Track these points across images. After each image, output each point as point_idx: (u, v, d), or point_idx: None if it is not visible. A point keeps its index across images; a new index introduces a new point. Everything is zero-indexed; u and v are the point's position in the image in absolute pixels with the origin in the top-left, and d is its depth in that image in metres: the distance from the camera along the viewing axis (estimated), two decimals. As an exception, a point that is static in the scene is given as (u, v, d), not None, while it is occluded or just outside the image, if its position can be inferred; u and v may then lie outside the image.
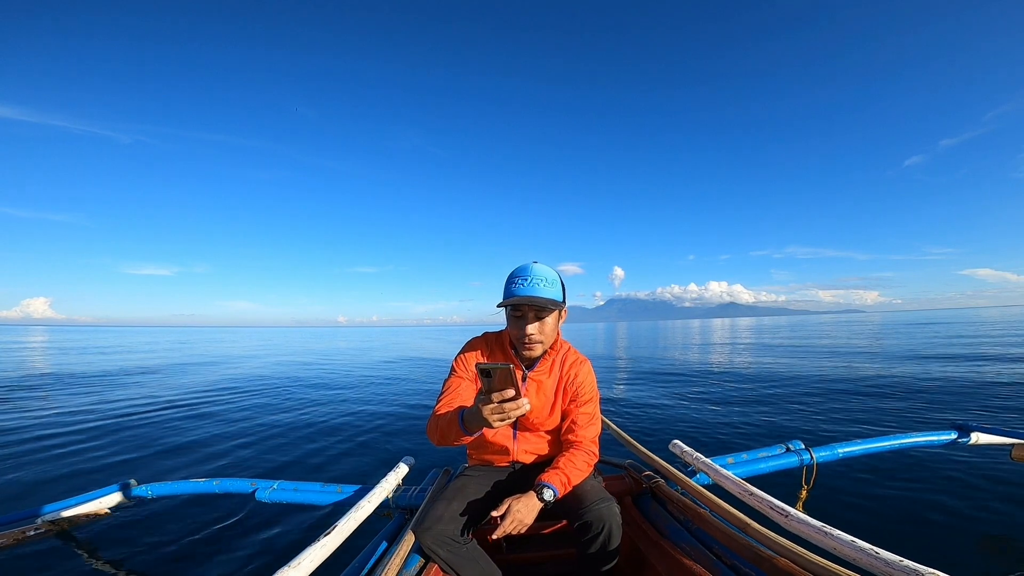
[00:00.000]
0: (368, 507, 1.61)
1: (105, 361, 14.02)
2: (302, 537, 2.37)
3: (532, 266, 1.39)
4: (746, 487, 1.48)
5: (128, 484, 2.25)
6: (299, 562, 1.16)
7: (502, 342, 1.54)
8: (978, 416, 4.11)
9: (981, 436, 2.24)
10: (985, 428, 2.26)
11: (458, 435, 1.21)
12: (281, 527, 2.48)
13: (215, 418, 5.98)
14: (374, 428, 5.03)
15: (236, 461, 3.97)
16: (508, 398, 1.03)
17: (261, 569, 2.11)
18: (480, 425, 1.11)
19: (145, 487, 2.21)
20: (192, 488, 2.17)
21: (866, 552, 0.97)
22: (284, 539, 2.37)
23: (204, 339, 34.76)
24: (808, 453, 2.01)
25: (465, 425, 1.18)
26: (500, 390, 1.04)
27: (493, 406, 1.04)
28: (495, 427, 1.06)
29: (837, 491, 2.54)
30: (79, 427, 5.25)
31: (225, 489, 2.09)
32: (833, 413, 4.49)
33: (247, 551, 2.26)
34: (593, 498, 1.26)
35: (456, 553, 1.23)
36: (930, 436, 2.22)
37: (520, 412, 1.04)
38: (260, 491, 1.96)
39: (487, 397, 1.05)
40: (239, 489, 2.05)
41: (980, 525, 2.15)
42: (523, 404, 1.03)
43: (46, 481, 3.46)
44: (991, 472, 2.61)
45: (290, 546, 2.29)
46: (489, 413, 1.04)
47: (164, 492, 2.22)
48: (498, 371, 1.03)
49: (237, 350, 21.24)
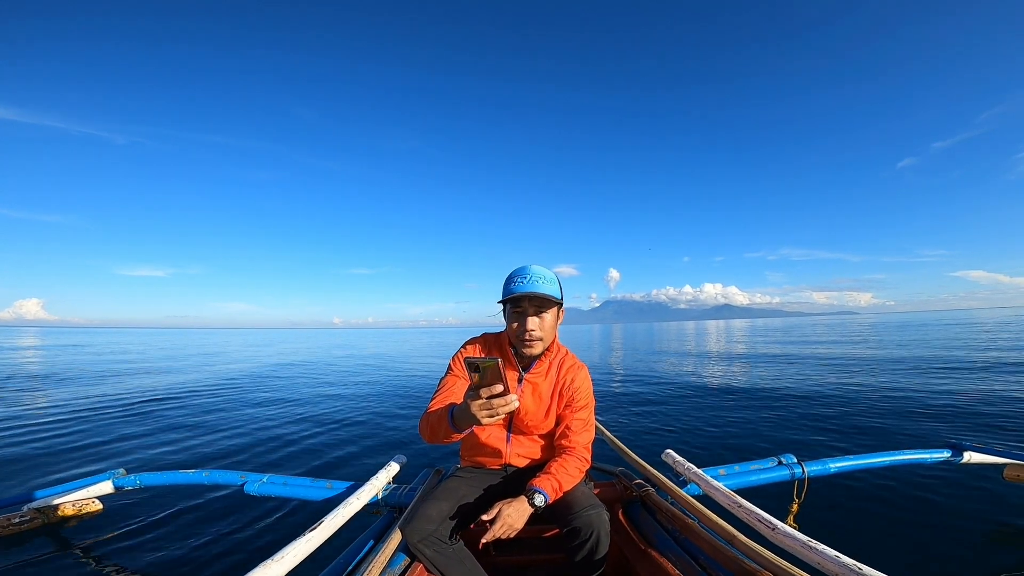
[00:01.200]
0: (357, 504, 1.61)
1: (96, 361, 14.05)
2: (289, 531, 2.36)
3: (530, 266, 1.41)
4: (735, 499, 1.48)
5: (117, 474, 2.25)
6: (282, 556, 1.15)
7: (501, 343, 1.55)
8: (968, 429, 4.10)
9: (974, 455, 2.23)
10: (978, 447, 2.26)
11: (447, 432, 1.19)
12: (269, 520, 2.47)
13: (207, 414, 5.98)
14: (366, 426, 5.02)
15: (225, 455, 3.97)
16: (496, 394, 1.01)
17: (245, 561, 2.10)
18: (469, 422, 1.09)
19: (134, 476, 2.21)
20: (181, 479, 2.17)
21: (849, 568, 0.97)
22: (271, 532, 2.36)
23: (197, 340, 34.78)
24: (800, 467, 2.01)
25: (455, 422, 1.16)
26: (489, 385, 1.01)
27: (481, 402, 1.02)
28: (484, 424, 1.05)
29: (828, 505, 2.53)
30: (67, 418, 5.27)
31: (214, 481, 2.09)
32: (825, 422, 4.48)
33: (233, 543, 2.25)
34: (583, 504, 1.26)
35: (442, 553, 1.23)
36: (923, 454, 2.22)
37: (509, 409, 1.02)
38: (249, 484, 1.96)
39: (475, 393, 1.03)
40: (228, 481, 2.05)
41: (966, 546, 2.13)
42: (512, 400, 1.01)
43: (33, 469, 3.46)
44: (982, 492, 2.60)
45: (276, 540, 2.28)
46: (477, 409, 1.02)
47: (153, 482, 2.22)
48: (487, 366, 1.01)
49: (231, 350, 21.26)
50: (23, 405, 6.05)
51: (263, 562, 1.12)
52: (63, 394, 6.99)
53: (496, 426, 1.53)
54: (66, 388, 7.67)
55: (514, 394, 1.03)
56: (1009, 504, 2.44)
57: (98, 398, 6.68)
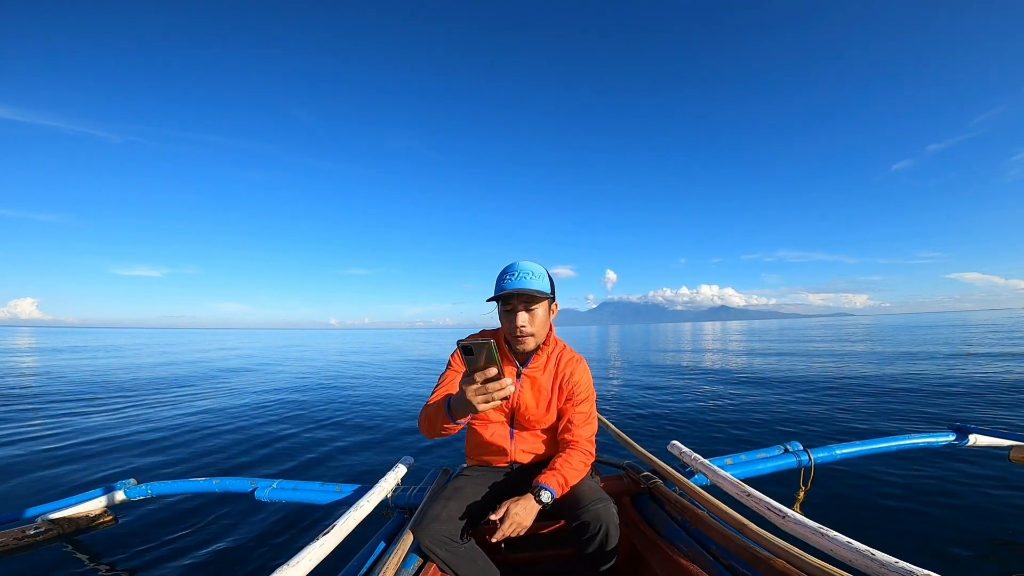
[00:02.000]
0: (367, 506, 1.62)
1: (93, 362, 14.02)
2: (301, 536, 2.38)
3: (519, 263, 1.41)
4: (744, 488, 1.49)
5: (128, 483, 2.26)
6: (298, 561, 1.16)
7: (497, 340, 1.54)
8: (973, 414, 4.11)
9: (979, 438, 2.24)
10: (983, 430, 2.26)
11: (444, 422, 1.18)
12: (280, 526, 2.49)
13: (205, 416, 5.99)
14: (372, 428, 5.04)
15: (234, 461, 3.98)
16: (491, 377, 0.99)
17: (260, 568, 2.11)
18: (466, 411, 1.07)
19: (145, 486, 2.22)
20: (192, 487, 2.18)
21: (861, 553, 0.97)
22: (283, 538, 2.38)
23: (192, 340, 34.72)
24: (806, 454, 2.02)
25: (451, 412, 1.15)
26: (483, 369, 0.99)
27: (476, 387, 0.99)
28: (480, 410, 1.02)
29: (835, 492, 2.55)
30: (74, 428, 5.27)
31: (225, 488, 2.10)
32: (828, 413, 4.49)
33: (246, 550, 2.27)
34: (591, 498, 1.27)
35: (454, 552, 1.24)
36: (928, 438, 2.22)
37: (504, 393, 0.99)
38: (260, 490, 1.96)
39: (470, 377, 1.01)
40: (239, 488, 2.06)
41: (976, 527, 2.15)
42: (507, 384, 0.99)
43: (43, 481, 3.47)
44: (989, 473, 2.61)
45: (289, 545, 2.30)
46: (473, 394, 1.00)
47: (164, 491, 2.22)
48: (480, 348, 0.98)
49: (227, 351, 21.24)
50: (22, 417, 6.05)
51: (278, 568, 1.13)
52: (62, 399, 7.00)
53: (499, 423, 1.53)
54: (66, 395, 7.69)
55: (509, 378, 1.01)
56: (1017, 485, 2.45)
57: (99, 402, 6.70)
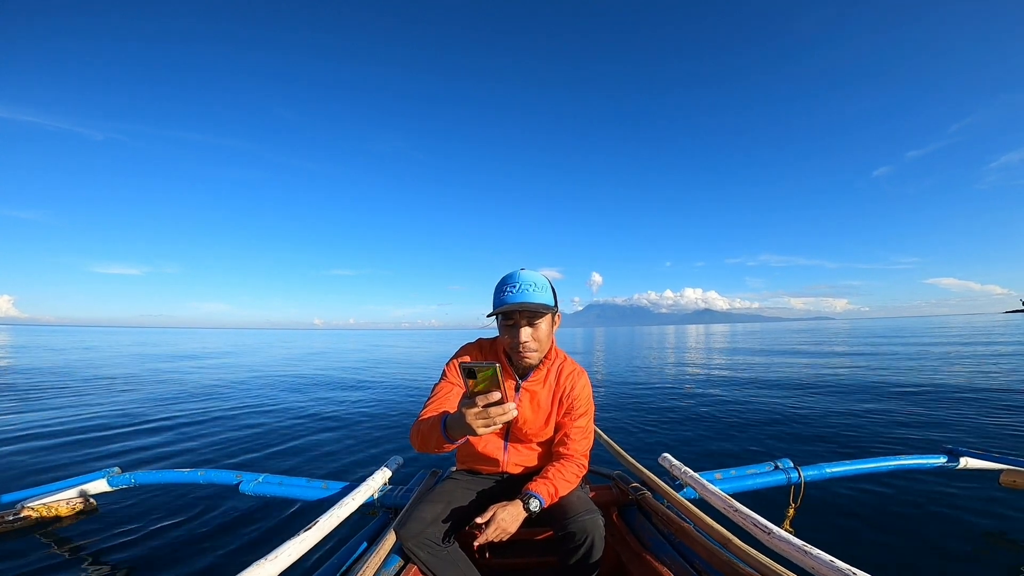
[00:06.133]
0: (352, 504, 1.61)
1: (68, 359, 13.91)
2: (283, 531, 2.35)
3: (520, 273, 1.35)
4: (731, 503, 1.48)
5: (111, 472, 2.24)
6: (276, 555, 1.15)
7: (496, 350, 1.49)
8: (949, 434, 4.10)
9: (970, 461, 2.23)
10: (974, 453, 2.26)
11: (439, 442, 1.13)
12: (264, 520, 2.46)
13: (198, 412, 5.96)
14: (360, 427, 5.00)
15: (219, 453, 3.96)
16: (493, 402, 0.95)
17: (239, 560, 2.09)
18: (463, 432, 1.02)
19: (128, 475, 2.20)
20: (176, 478, 2.17)
21: (844, 573, 0.97)
22: (265, 532, 2.35)
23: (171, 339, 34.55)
24: (796, 472, 2.01)
25: (447, 432, 1.09)
26: (486, 392, 0.95)
27: (477, 411, 0.95)
28: (479, 434, 0.98)
29: (824, 511, 2.53)
30: (55, 418, 5.24)
31: (210, 480, 2.08)
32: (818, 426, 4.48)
33: (227, 542, 2.24)
34: (578, 509, 1.25)
35: (436, 555, 1.23)
36: (919, 459, 2.21)
37: (506, 418, 0.96)
38: (245, 483, 1.95)
39: (471, 400, 0.97)
40: (224, 480, 2.05)
41: (962, 551, 2.13)
42: (510, 409, 0.95)
43: (24, 468, 3.45)
44: (978, 497, 2.60)
45: (270, 539, 2.27)
46: (473, 418, 0.96)
47: (148, 481, 2.21)
48: (484, 372, 0.94)
49: (208, 350, 21.14)
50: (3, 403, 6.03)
51: (256, 561, 1.12)
52: (45, 394, 6.97)
53: (493, 435, 1.48)
54: (49, 387, 7.65)
55: (512, 403, 0.98)
56: (1004, 510, 2.44)
57: (84, 396, 6.66)
